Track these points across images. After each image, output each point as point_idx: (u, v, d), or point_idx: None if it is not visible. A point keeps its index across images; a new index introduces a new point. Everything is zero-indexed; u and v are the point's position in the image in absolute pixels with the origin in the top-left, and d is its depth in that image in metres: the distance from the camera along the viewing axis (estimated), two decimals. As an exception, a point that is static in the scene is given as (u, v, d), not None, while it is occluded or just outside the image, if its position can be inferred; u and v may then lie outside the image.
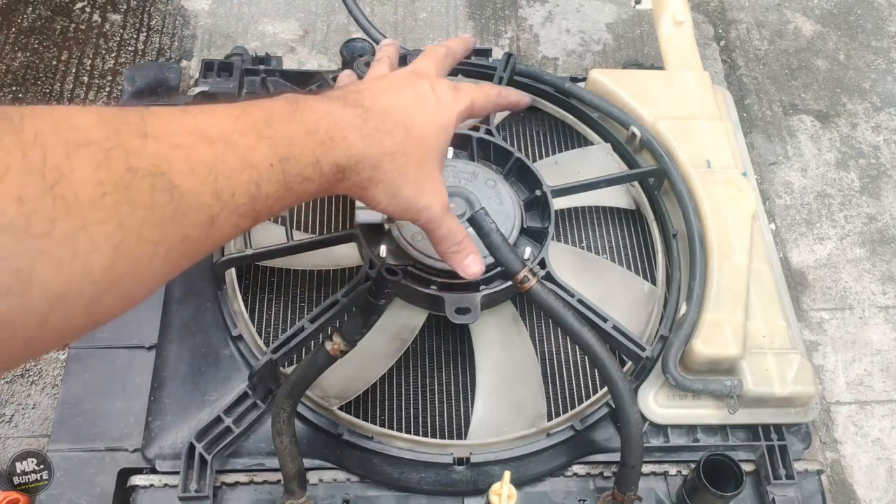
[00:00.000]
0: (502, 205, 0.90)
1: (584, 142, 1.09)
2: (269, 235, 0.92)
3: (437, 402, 0.88)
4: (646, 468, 0.84)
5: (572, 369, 0.91)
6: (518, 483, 0.80)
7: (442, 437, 0.86)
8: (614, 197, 1.03)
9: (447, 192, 0.88)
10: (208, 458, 0.80)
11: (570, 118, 1.10)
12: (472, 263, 0.72)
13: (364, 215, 0.84)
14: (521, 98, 0.81)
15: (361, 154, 0.57)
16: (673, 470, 0.86)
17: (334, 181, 0.56)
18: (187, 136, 0.44)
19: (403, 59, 1.08)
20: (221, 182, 0.44)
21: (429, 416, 0.87)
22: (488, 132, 0.98)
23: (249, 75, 1.11)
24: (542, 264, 0.87)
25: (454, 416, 0.88)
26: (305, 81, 1.11)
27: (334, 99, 0.59)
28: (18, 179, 0.35)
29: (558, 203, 0.95)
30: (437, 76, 0.70)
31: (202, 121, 0.46)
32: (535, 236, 0.91)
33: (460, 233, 0.70)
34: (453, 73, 1.09)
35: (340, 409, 0.84)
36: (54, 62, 1.56)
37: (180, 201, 0.42)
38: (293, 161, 0.50)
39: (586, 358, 0.88)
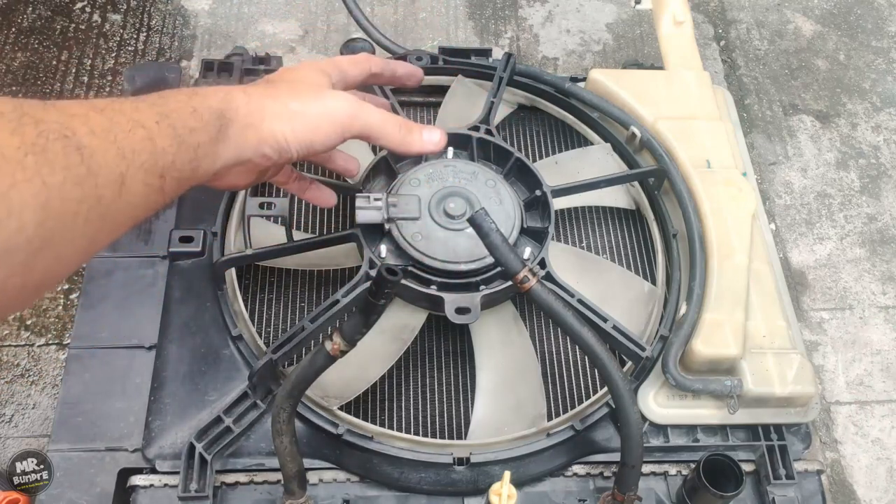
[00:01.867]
0: (502, 205, 0.90)
1: (584, 142, 1.09)
2: (269, 235, 0.92)
3: (437, 402, 0.88)
4: (646, 468, 0.84)
5: (572, 369, 0.91)
6: (518, 483, 0.80)
7: (442, 437, 0.86)
8: (614, 197, 1.03)
9: (447, 192, 0.89)
10: (208, 458, 0.80)
11: (570, 118, 1.10)
12: (431, 134, 0.71)
13: (364, 215, 0.84)
14: (409, 68, 0.81)
15: (236, 92, 0.59)
16: (673, 470, 0.86)
17: (220, 126, 0.57)
18: (79, 107, 0.47)
19: (403, 59, 1.09)
20: (121, 141, 0.48)
21: (429, 416, 0.87)
22: (488, 132, 0.98)
23: (249, 75, 1.11)
24: (542, 264, 0.87)
25: (454, 416, 0.88)
26: (305, 81, 1.11)
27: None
28: None
29: (558, 203, 0.95)
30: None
31: (89, 101, 0.50)
32: (535, 236, 0.91)
33: (392, 116, 0.69)
34: (453, 72, 1.10)
35: (340, 409, 0.84)
36: (54, 62, 1.56)
37: (91, 160, 0.45)
38: (174, 115, 0.53)
39: (586, 358, 0.88)
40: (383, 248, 0.86)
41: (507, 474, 0.73)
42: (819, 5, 1.79)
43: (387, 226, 0.86)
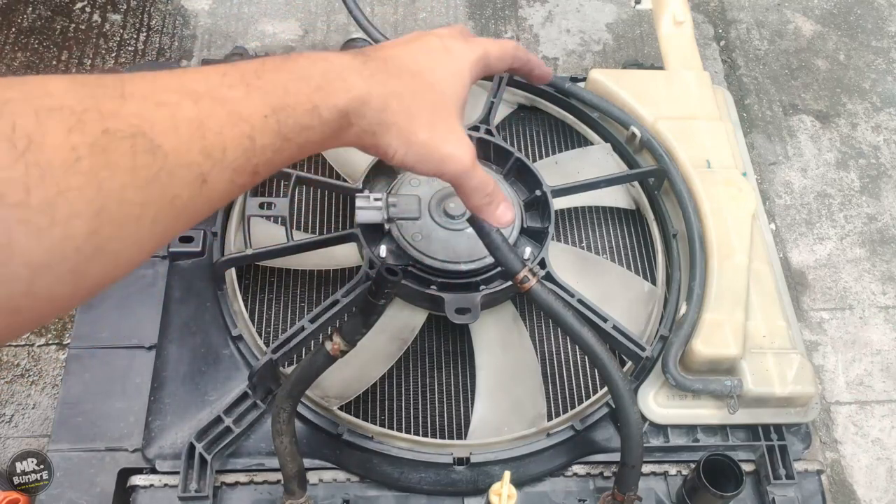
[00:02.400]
0: (502, 205, 0.89)
1: (584, 142, 1.09)
2: (270, 235, 0.92)
3: (437, 402, 0.88)
4: (646, 468, 0.84)
5: (572, 369, 0.91)
6: (518, 483, 0.80)
7: (442, 437, 0.86)
8: (614, 197, 1.03)
9: (447, 192, 0.89)
10: (208, 458, 0.80)
11: (570, 118, 1.10)
12: (505, 212, 0.66)
13: (364, 215, 0.83)
14: (542, 65, 0.73)
15: (365, 94, 0.52)
16: (673, 470, 0.86)
17: (338, 128, 0.51)
18: (171, 94, 0.42)
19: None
20: (210, 139, 0.42)
21: (429, 416, 0.87)
22: (488, 132, 0.98)
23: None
24: (542, 264, 0.87)
25: (454, 416, 0.88)
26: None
27: (331, 52, 0.54)
28: None
29: (558, 203, 0.95)
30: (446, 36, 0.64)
31: (187, 79, 0.44)
32: (535, 236, 0.91)
33: (490, 182, 0.64)
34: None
35: (340, 409, 0.84)
36: (54, 62, 1.56)
37: (165, 161, 0.40)
38: (289, 111, 0.47)
39: (586, 358, 0.88)
40: (383, 248, 0.86)
41: (507, 474, 0.73)
42: (819, 5, 1.79)
43: (387, 226, 0.86)
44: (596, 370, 0.90)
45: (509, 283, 0.82)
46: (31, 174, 0.35)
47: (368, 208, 0.82)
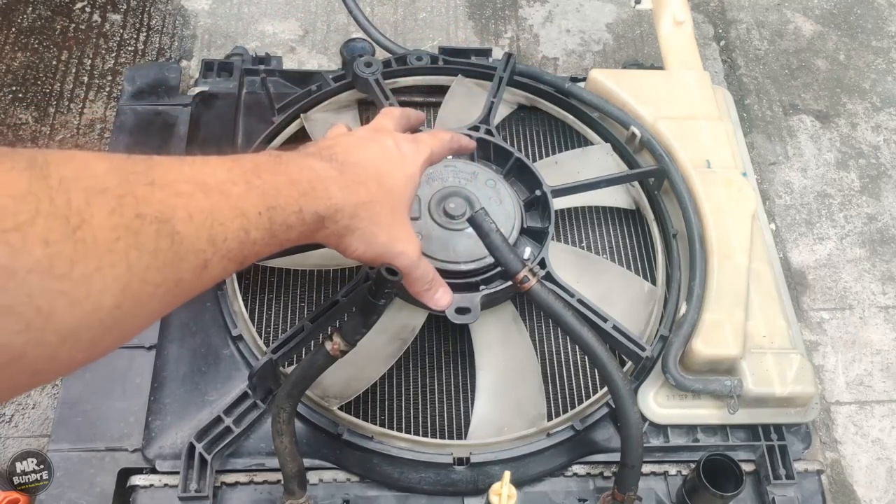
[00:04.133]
0: (502, 205, 0.90)
1: (584, 142, 1.09)
2: (269, 235, 0.92)
3: (437, 402, 0.88)
4: (646, 468, 0.84)
5: (572, 369, 0.91)
6: (518, 483, 0.80)
7: (442, 437, 0.86)
8: (614, 197, 1.03)
9: (447, 192, 0.89)
10: (208, 458, 0.80)
11: (570, 118, 1.10)
12: (442, 296, 0.76)
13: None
14: (469, 143, 0.86)
15: (341, 204, 0.61)
16: (673, 470, 0.86)
17: (314, 229, 0.59)
18: (187, 184, 0.47)
19: (404, 60, 1.09)
20: (216, 228, 0.47)
21: (429, 416, 0.87)
22: (488, 132, 0.98)
23: (249, 75, 1.11)
24: (542, 264, 0.87)
25: (454, 416, 0.88)
26: (305, 81, 1.11)
27: (312, 154, 0.63)
28: (45, 223, 0.37)
29: (558, 203, 0.95)
30: (396, 131, 0.75)
31: (198, 171, 0.49)
32: (535, 236, 0.91)
33: (431, 271, 0.74)
34: (453, 72, 1.10)
35: (340, 409, 0.84)
36: (54, 62, 1.56)
37: (179, 246, 0.44)
38: (279, 210, 0.54)
39: (586, 358, 0.88)
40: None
41: (507, 474, 0.73)
42: (819, 5, 1.79)
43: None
44: (596, 370, 0.90)
45: (509, 283, 0.82)
46: (78, 250, 0.38)
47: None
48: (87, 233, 0.39)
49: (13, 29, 1.59)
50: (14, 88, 1.51)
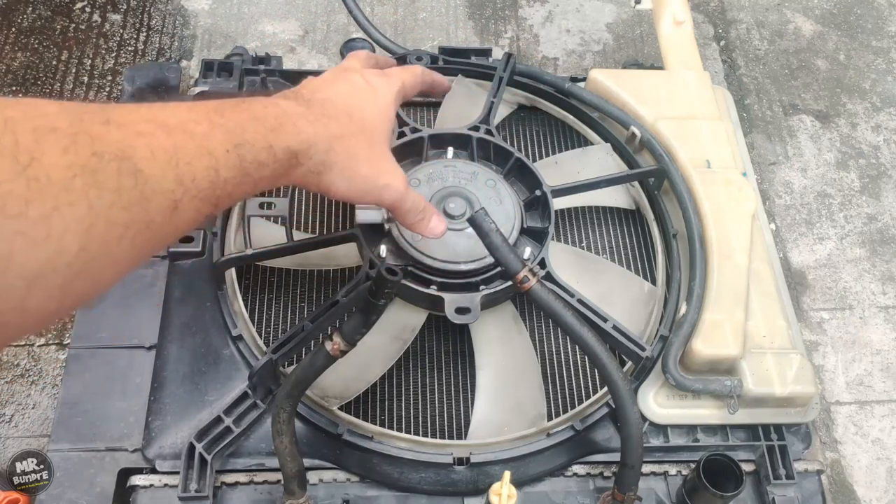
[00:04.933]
0: (502, 205, 0.90)
1: (584, 142, 1.09)
2: (269, 235, 0.92)
3: (437, 402, 0.88)
4: (646, 468, 0.84)
5: (572, 369, 0.91)
6: (518, 483, 0.80)
7: (442, 437, 0.86)
8: (614, 197, 1.03)
9: (447, 192, 0.89)
10: (208, 458, 0.80)
11: (570, 118, 1.10)
12: (437, 224, 0.75)
13: (364, 215, 0.84)
14: (443, 80, 0.84)
15: (312, 138, 0.59)
16: (673, 470, 0.86)
17: (289, 167, 0.57)
18: (147, 124, 0.45)
19: (403, 59, 1.09)
20: (182, 168, 0.46)
21: (429, 416, 0.87)
22: (488, 132, 0.98)
23: (249, 75, 1.11)
24: (542, 264, 0.87)
25: (454, 416, 0.88)
26: (305, 81, 1.11)
27: (276, 96, 0.61)
28: None
29: (558, 203, 0.95)
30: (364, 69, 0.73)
31: (158, 112, 0.47)
32: (535, 236, 0.91)
33: (421, 201, 0.73)
34: (453, 72, 1.10)
35: (340, 409, 0.84)
36: (54, 62, 1.56)
37: (145, 186, 0.43)
38: (248, 147, 0.52)
39: (586, 358, 0.88)
40: (383, 248, 0.86)
41: (507, 474, 0.73)
42: (819, 5, 1.79)
43: (387, 226, 0.86)
44: (596, 370, 0.90)
45: (509, 283, 0.82)
46: (32, 188, 0.37)
47: (368, 208, 0.82)
48: (39, 170, 0.37)
49: (13, 29, 1.59)
50: (14, 88, 1.51)
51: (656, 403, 0.87)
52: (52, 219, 0.37)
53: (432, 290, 0.85)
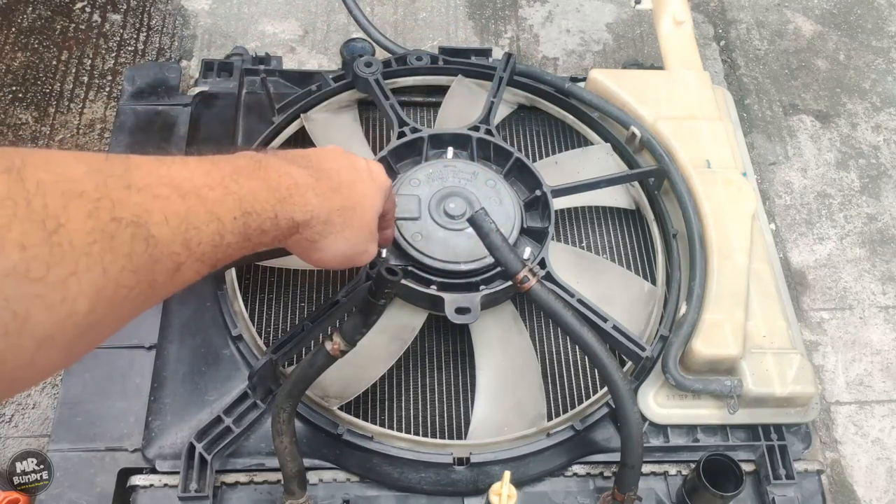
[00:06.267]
0: (502, 205, 0.90)
1: (584, 142, 1.09)
2: (269, 235, 0.92)
3: (437, 402, 0.88)
4: (646, 468, 0.84)
5: (572, 369, 0.91)
6: (518, 483, 0.80)
7: (442, 437, 0.86)
8: (614, 197, 1.03)
9: (447, 192, 0.89)
10: (208, 458, 0.79)
11: (570, 118, 1.10)
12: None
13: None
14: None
15: (315, 210, 0.61)
16: (673, 470, 0.85)
17: (287, 234, 0.59)
18: (164, 187, 0.46)
19: (404, 59, 1.09)
20: (191, 232, 0.47)
21: (429, 416, 0.87)
22: (488, 132, 0.98)
23: (249, 75, 1.11)
24: (542, 264, 0.87)
25: (454, 416, 0.88)
26: (305, 81, 1.11)
27: (290, 160, 0.63)
28: (21, 227, 0.37)
29: (558, 203, 0.95)
30: None
31: (176, 173, 0.48)
32: (535, 236, 0.91)
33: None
34: (453, 72, 1.10)
35: (340, 409, 0.84)
36: (54, 62, 1.56)
37: (154, 249, 0.44)
38: (254, 215, 0.54)
39: (586, 358, 0.88)
40: (383, 249, 0.86)
41: (507, 474, 0.73)
42: (819, 5, 1.79)
43: (387, 226, 0.86)
44: (596, 370, 0.90)
45: (509, 283, 0.82)
46: (55, 253, 0.38)
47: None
48: (64, 236, 0.39)
49: (13, 29, 1.59)
50: (14, 88, 1.51)
51: (656, 403, 0.86)
52: (68, 283, 0.39)
53: (432, 290, 0.85)
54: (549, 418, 0.86)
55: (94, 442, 0.83)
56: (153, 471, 0.82)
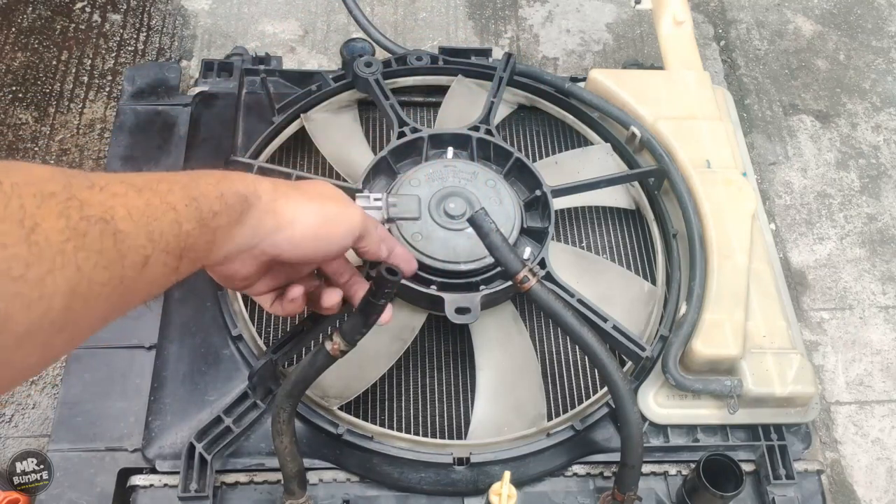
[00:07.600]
0: (502, 205, 0.90)
1: (584, 142, 1.09)
2: (269, 235, 0.92)
3: (437, 402, 0.88)
4: (646, 468, 0.84)
5: (572, 369, 0.91)
6: (518, 483, 0.80)
7: (442, 437, 0.86)
8: (614, 197, 1.03)
9: (447, 192, 0.89)
10: (208, 458, 0.80)
11: (570, 118, 1.10)
12: (410, 260, 0.76)
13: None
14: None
15: (260, 182, 0.62)
16: (673, 470, 0.85)
17: (241, 211, 0.59)
18: (121, 185, 0.48)
19: (404, 59, 1.09)
20: (153, 224, 0.49)
21: (429, 416, 0.87)
22: (488, 132, 0.98)
23: (249, 75, 1.11)
24: (542, 264, 0.87)
25: (454, 416, 0.88)
26: (305, 81, 1.11)
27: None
28: (1, 227, 0.38)
29: (558, 203, 0.95)
30: None
31: (126, 175, 0.51)
32: (535, 236, 0.91)
33: (387, 239, 0.73)
34: (453, 72, 1.10)
35: (340, 409, 0.84)
36: (54, 62, 1.56)
37: (122, 244, 0.46)
38: (203, 199, 0.55)
39: (586, 358, 0.88)
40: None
41: (507, 474, 0.73)
42: (819, 5, 1.79)
43: (387, 226, 0.86)
44: (596, 370, 0.90)
45: (509, 283, 0.82)
46: (33, 252, 0.39)
47: (368, 208, 0.82)
48: (41, 235, 0.40)
49: (13, 29, 1.59)
50: (14, 88, 1.51)
51: (656, 403, 0.86)
52: (45, 280, 0.40)
53: (432, 290, 0.85)
54: (549, 418, 0.86)
55: (94, 442, 0.83)
56: (153, 471, 0.82)
